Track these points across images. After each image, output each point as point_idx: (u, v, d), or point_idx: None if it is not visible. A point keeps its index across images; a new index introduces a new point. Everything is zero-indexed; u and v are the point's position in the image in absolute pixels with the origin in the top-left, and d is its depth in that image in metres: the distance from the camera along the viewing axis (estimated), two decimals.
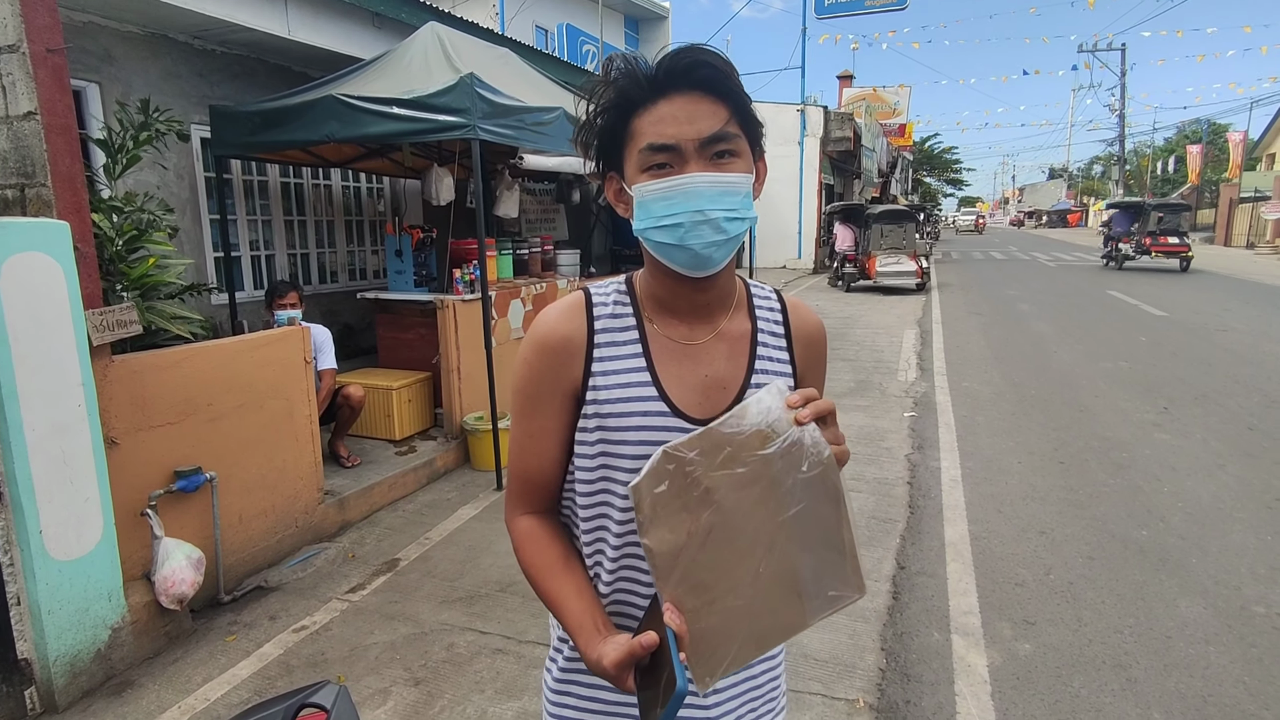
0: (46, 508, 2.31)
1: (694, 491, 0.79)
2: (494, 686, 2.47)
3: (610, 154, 0.90)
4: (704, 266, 0.87)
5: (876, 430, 5.29)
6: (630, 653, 0.77)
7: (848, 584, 0.80)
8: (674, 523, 0.79)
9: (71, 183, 2.47)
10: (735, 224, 0.85)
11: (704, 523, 0.79)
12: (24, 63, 2.32)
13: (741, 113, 0.86)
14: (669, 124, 0.83)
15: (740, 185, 0.85)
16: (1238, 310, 10.74)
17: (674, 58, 0.84)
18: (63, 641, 2.39)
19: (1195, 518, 3.72)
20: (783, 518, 0.78)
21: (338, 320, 6.31)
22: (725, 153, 0.85)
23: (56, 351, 2.33)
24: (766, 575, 0.79)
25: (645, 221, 0.86)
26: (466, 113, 3.91)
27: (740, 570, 0.78)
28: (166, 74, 5.01)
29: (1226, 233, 27.65)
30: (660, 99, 0.84)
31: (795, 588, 0.79)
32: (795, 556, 0.79)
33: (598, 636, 0.83)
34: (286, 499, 3.48)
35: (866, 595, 2.86)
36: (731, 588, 0.79)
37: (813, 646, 2.66)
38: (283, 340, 3.47)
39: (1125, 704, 2.35)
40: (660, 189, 0.84)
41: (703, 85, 0.84)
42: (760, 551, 0.79)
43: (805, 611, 0.79)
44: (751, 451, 0.77)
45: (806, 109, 19.42)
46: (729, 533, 0.79)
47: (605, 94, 0.87)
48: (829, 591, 0.79)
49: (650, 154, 0.84)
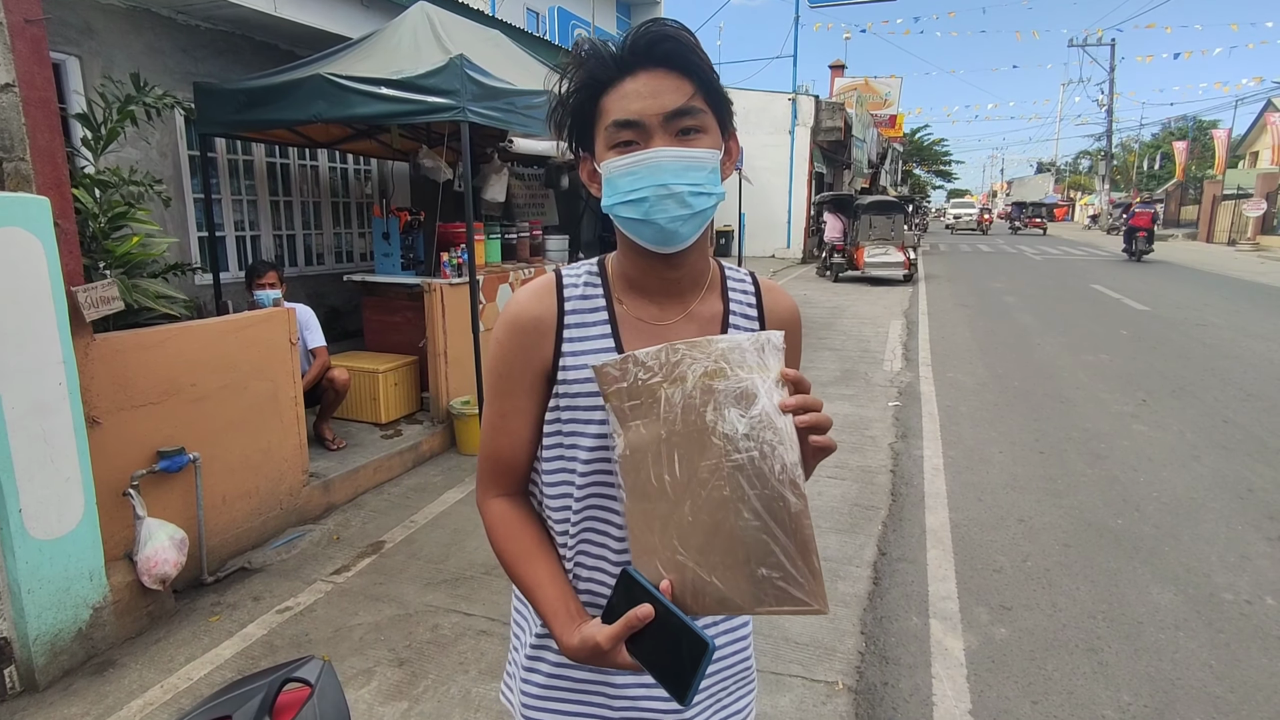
0: (27, 486, 2.29)
1: (647, 398, 0.79)
2: (478, 667, 2.49)
3: (583, 135, 0.91)
4: (670, 242, 0.88)
5: (861, 419, 5.34)
6: (626, 625, 0.76)
7: (798, 585, 0.74)
8: (638, 425, 0.80)
9: (51, 157, 2.43)
10: (700, 199, 0.85)
11: (655, 435, 0.79)
12: (1, 33, 2.27)
13: (707, 88, 0.85)
14: (633, 100, 0.84)
15: (706, 160, 0.85)
16: (1218, 305, 10.90)
17: (638, 35, 0.84)
18: (43, 620, 2.38)
19: (1169, 507, 3.80)
20: (728, 462, 0.75)
21: (324, 303, 6.26)
22: (691, 129, 0.85)
23: (36, 329, 2.30)
24: (712, 522, 0.76)
25: (612, 197, 0.87)
26: (456, 94, 3.88)
27: (686, 508, 0.77)
28: (149, 49, 4.92)
29: (1209, 229, 27.97)
30: (626, 77, 0.85)
31: (739, 555, 0.75)
32: (741, 516, 0.75)
33: (572, 622, 0.84)
34: (271, 481, 3.47)
35: (848, 581, 2.84)
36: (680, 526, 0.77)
37: (793, 630, 2.70)
38: (268, 321, 3.44)
39: (1096, 686, 2.41)
40: (625, 164, 0.85)
41: (666, 61, 0.84)
42: (706, 491, 0.76)
43: (750, 591, 0.75)
44: (707, 380, 0.77)
45: (798, 98, 19.41)
46: (678, 451, 0.78)
47: (575, 75, 0.87)
48: (776, 580, 0.75)
49: (616, 130, 0.85)
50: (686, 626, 0.74)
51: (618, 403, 0.81)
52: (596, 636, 0.78)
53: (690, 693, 0.73)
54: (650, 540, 0.80)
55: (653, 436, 0.79)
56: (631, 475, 0.81)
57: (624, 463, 0.81)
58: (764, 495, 0.75)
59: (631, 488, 0.81)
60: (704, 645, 0.72)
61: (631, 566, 0.81)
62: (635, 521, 0.81)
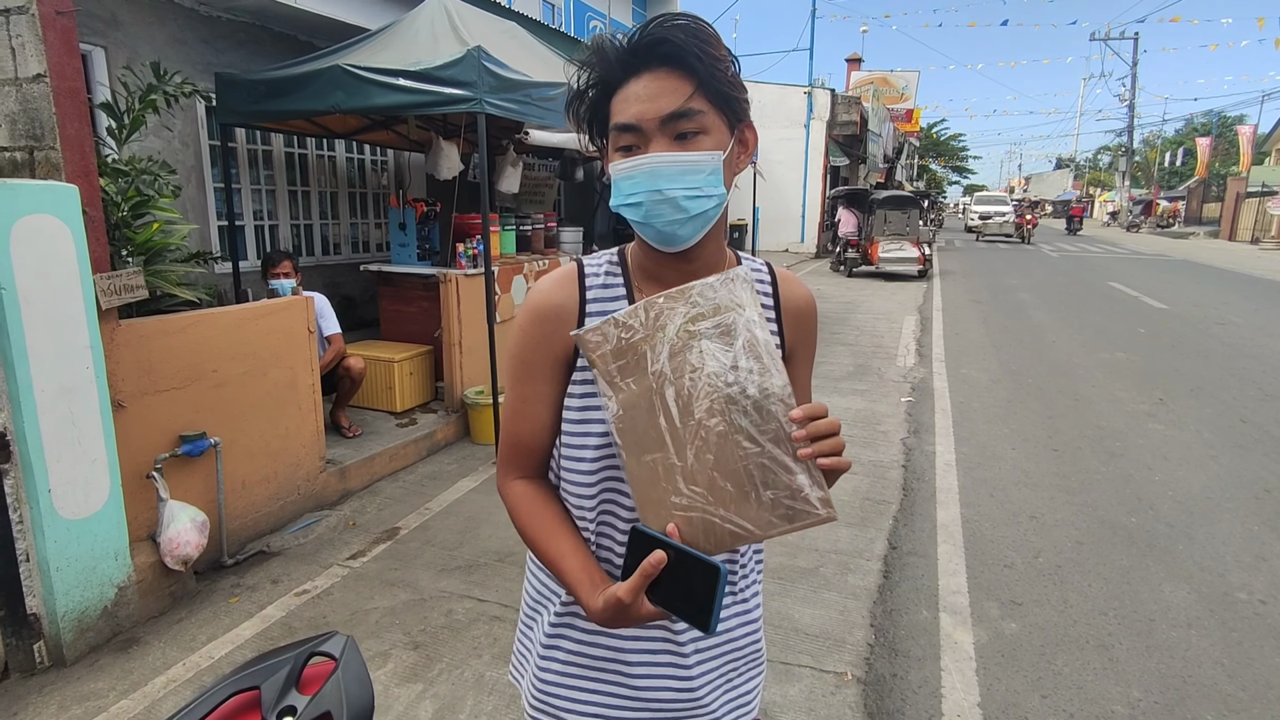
0: (55, 467, 2.35)
1: (633, 356, 0.82)
2: (491, 652, 2.53)
3: (601, 133, 0.93)
4: (671, 243, 0.90)
5: (873, 414, 5.33)
6: (643, 574, 0.79)
7: (804, 500, 0.78)
8: (629, 384, 0.83)
9: (80, 146, 2.48)
10: (697, 202, 0.86)
11: (646, 387, 0.82)
12: (33, 24, 2.32)
13: (709, 85, 0.85)
14: (633, 103, 0.85)
15: (704, 163, 0.86)
16: (1238, 304, 10.75)
17: (641, 34, 0.85)
18: (70, 598, 2.45)
19: (1184, 506, 3.78)
20: (721, 396, 0.79)
21: (339, 292, 6.32)
22: (689, 132, 0.85)
23: (65, 314, 2.36)
24: (715, 459, 0.80)
25: (616, 198, 0.90)
26: (473, 86, 3.90)
27: (689, 451, 0.81)
28: (172, 39, 4.98)
29: (1232, 227, 27.54)
30: (631, 78, 0.86)
31: (744, 484, 0.80)
32: (740, 446, 0.79)
33: (596, 589, 0.86)
34: (289, 466, 3.52)
35: (858, 574, 2.86)
36: (684, 470, 0.81)
37: (803, 621, 2.72)
38: (287, 309, 3.49)
39: (1106, 682, 2.41)
40: (624, 169, 0.87)
41: (668, 61, 0.84)
42: (704, 430, 0.80)
43: (761, 516, 0.79)
44: (688, 325, 0.81)
45: (813, 91, 19.27)
46: (671, 398, 0.81)
47: (588, 76, 0.89)
48: (784, 499, 0.79)
49: (618, 134, 0.87)
50: (695, 558, 0.78)
51: (604, 366, 0.84)
52: (618, 593, 0.81)
53: (713, 620, 0.76)
54: (655, 492, 0.83)
55: (644, 390, 0.82)
56: (629, 434, 0.84)
57: (620, 424, 0.84)
58: (758, 421, 0.79)
59: (630, 445, 0.84)
60: (715, 570, 0.76)
61: (639, 524, 0.85)
62: (638, 478, 0.84)
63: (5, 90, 2.41)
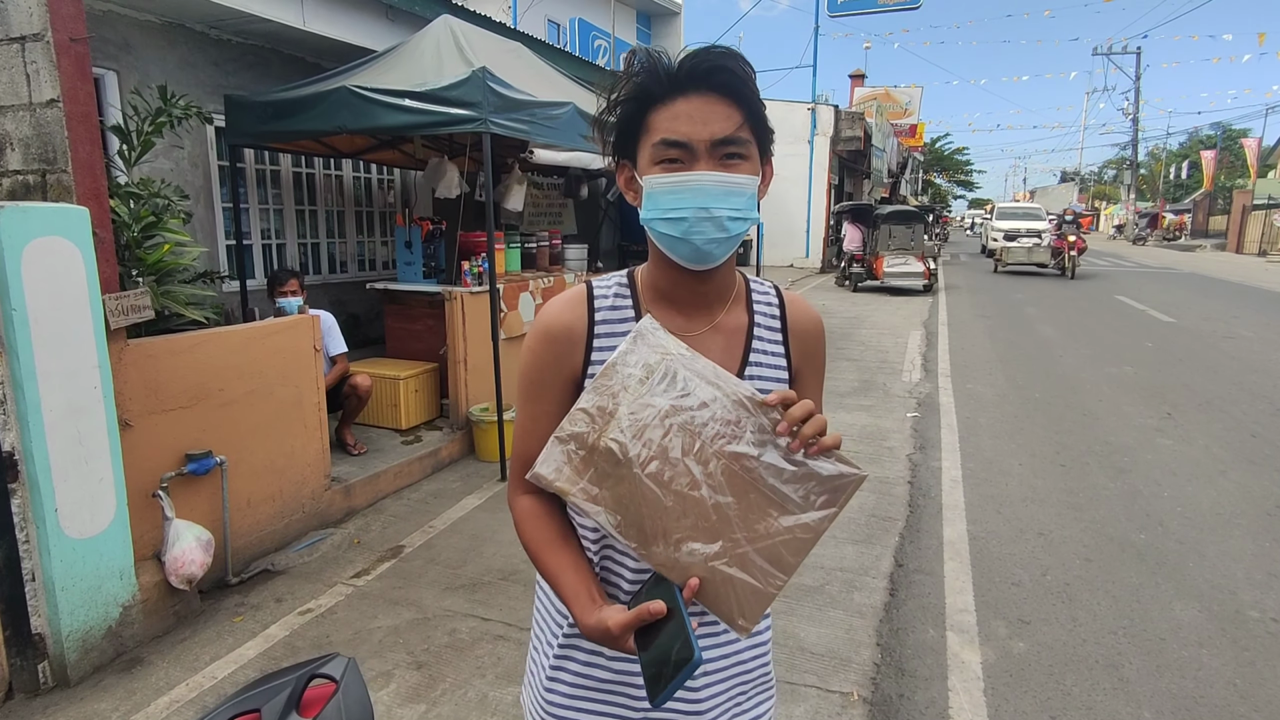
0: (62, 486, 2.37)
1: (600, 459, 0.82)
2: (495, 671, 2.52)
3: (625, 143, 0.94)
4: (704, 261, 0.91)
5: (879, 430, 5.31)
6: (638, 616, 0.80)
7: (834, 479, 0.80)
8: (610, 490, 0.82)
9: (91, 169, 2.52)
10: (737, 223, 0.89)
11: (632, 479, 0.81)
12: (48, 51, 2.37)
13: (754, 118, 0.89)
14: (684, 122, 0.87)
15: (746, 187, 0.89)
16: (1247, 318, 10.70)
17: (695, 59, 0.87)
18: (75, 618, 2.45)
19: (1194, 523, 3.74)
20: (703, 441, 0.80)
21: (345, 310, 6.36)
22: (734, 155, 0.88)
23: (74, 334, 2.39)
24: (737, 497, 0.80)
25: (652, 212, 0.90)
26: (478, 106, 3.95)
27: (696, 506, 0.81)
28: (183, 63, 5.07)
29: (1239, 240, 27.45)
30: (679, 97, 0.88)
31: (771, 499, 0.80)
32: (747, 471, 0.80)
33: (593, 605, 0.87)
34: (294, 484, 3.53)
35: (864, 592, 2.85)
36: (697, 525, 0.81)
37: (809, 640, 2.70)
38: (293, 328, 3.52)
39: (1116, 702, 2.38)
40: (670, 183, 0.88)
41: (720, 88, 0.87)
42: (703, 482, 0.80)
43: (805, 516, 0.80)
44: (638, 396, 0.81)
45: (817, 108, 19.39)
46: (665, 470, 0.81)
47: (627, 86, 0.91)
48: (815, 489, 0.80)
49: (663, 148, 0.88)
50: (684, 632, 0.77)
51: (575, 488, 0.84)
52: (609, 621, 0.82)
53: (662, 697, 0.75)
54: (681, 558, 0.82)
55: (631, 484, 0.82)
56: (633, 530, 0.83)
57: (621, 531, 0.83)
58: (750, 438, 0.80)
59: (642, 541, 0.83)
60: (690, 654, 0.74)
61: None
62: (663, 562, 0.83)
63: (19, 115, 2.45)
